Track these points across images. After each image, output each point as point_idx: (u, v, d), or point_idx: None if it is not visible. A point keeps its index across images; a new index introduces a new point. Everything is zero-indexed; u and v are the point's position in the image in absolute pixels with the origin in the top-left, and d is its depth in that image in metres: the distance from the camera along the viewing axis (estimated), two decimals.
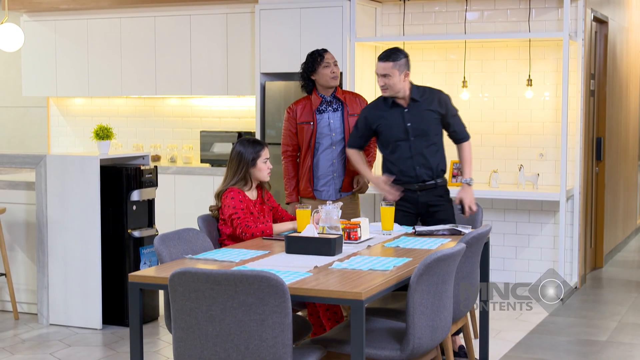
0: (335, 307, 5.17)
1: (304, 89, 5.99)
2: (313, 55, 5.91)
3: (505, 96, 7.84)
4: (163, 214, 8.14)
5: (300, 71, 5.97)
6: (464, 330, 4.95)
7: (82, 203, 6.30)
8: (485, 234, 4.71)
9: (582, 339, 6.11)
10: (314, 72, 5.88)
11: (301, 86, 6.00)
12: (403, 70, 5.44)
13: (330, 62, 5.88)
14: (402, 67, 5.43)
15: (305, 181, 5.94)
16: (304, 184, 5.95)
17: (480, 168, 7.89)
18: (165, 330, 6.18)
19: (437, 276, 3.97)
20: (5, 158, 6.70)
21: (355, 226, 4.81)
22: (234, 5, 8.50)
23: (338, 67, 5.94)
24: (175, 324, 3.67)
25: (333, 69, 5.88)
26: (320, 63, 5.86)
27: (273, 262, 4.25)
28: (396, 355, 3.93)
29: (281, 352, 3.52)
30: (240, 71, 8.51)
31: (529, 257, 7.79)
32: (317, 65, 5.86)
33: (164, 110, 9.40)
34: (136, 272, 4.12)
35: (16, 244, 6.78)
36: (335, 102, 5.93)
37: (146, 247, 6.46)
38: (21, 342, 6.04)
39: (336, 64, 5.92)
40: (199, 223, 5.06)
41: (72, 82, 9.33)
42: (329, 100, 5.92)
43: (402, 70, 5.43)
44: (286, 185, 6.03)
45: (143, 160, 6.71)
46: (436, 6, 8.00)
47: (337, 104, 5.94)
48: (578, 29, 7.52)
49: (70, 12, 9.24)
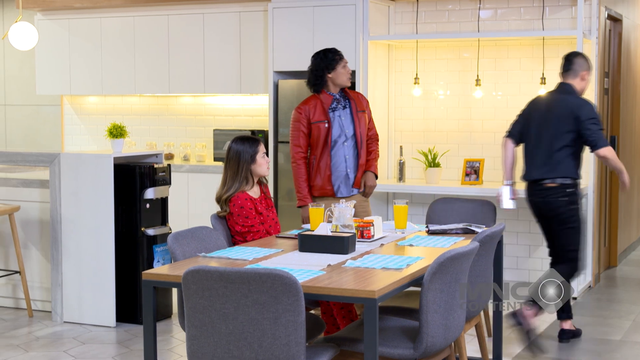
0: (349, 306, 5.17)
1: (314, 87, 5.94)
2: (330, 53, 5.88)
3: (518, 94, 7.82)
4: (176, 212, 8.16)
5: (311, 69, 5.94)
6: (478, 329, 4.94)
7: (96, 201, 6.32)
8: (499, 233, 4.70)
9: (596, 338, 6.09)
10: (332, 70, 5.86)
11: (311, 84, 5.94)
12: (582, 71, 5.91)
13: (346, 63, 5.94)
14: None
15: (325, 180, 5.88)
16: (323, 183, 5.89)
17: (493, 166, 7.87)
18: (179, 328, 6.20)
19: (450, 275, 3.96)
20: (19, 156, 6.72)
21: (368, 224, 4.81)
22: (247, 3, 8.51)
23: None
24: (188, 321, 3.67)
25: (348, 69, 5.95)
26: (339, 62, 5.87)
27: (286, 260, 4.25)
28: (409, 354, 3.93)
29: (294, 350, 3.52)
30: (253, 69, 8.51)
31: (543, 256, 7.76)
32: (337, 64, 5.86)
33: (177, 108, 9.42)
34: (150, 270, 4.14)
35: (30, 242, 6.80)
36: (343, 99, 5.94)
37: (159, 245, 6.48)
38: (35, 339, 6.06)
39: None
40: (212, 221, 5.07)
41: (85, 81, 9.35)
42: (338, 98, 5.93)
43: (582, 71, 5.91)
44: (299, 187, 5.90)
45: (156, 158, 6.73)
46: (449, 4, 7.98)
47: (345, 102, 5.94)
48: (592, 27, 7.50)
49: (84, 10, 9.26)
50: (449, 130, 8.07)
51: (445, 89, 8.07)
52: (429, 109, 8.14)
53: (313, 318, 4.43)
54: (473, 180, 7.70)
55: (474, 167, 7.72)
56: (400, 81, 8.18)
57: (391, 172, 8.25)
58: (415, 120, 8.19)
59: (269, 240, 4.90)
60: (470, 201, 5.87)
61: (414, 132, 8.19)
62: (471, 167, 7.71)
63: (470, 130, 8.00)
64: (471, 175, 7.71)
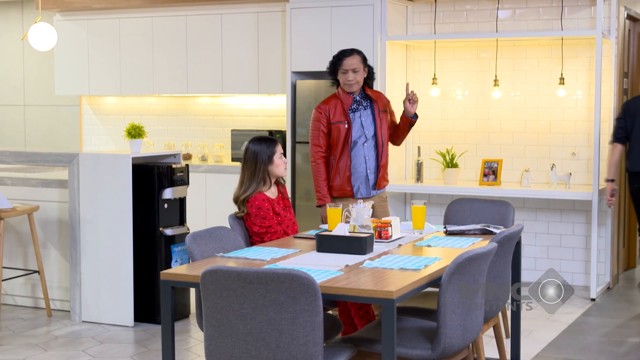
0: (367, 306, 5.16)
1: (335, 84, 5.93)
2: (337, 55, 5.82)
3: (537, 95, 7.80)
4: (194, 212, 8.18)
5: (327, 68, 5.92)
6: (496, 330, 4.93)
7: (114, 201, 6.34)
8: (517, 234, 4.68)
9: (615, 340, 6.06)
10: (336, 73, 5.85)
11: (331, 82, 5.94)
12: None
13: (348, 69, 5.73)
14: None
15: (345, 180, 5.85)
16: (342, 183, 5.85)
17: (512, 167, 7.85)
18: (197, 328, 6.21)
19: (468, 275, 3.95)
20: (38, 156, 6.76)
21: (386, 225, 4.80)
22: (265, 4, 8.52)
23: (359, 73, 5.76)
24: (206, 321, 3.68)
25: (349, 76, 5.73)
26: (338, 67, 5.77)
27: (304, 260, 4.25)
28: (427, 355, 3.92)
29: (312, 350, 3.52)
30: (271, 70, 8.52)
31: (561, 256, 7.74)
32: (337, 68, 5.80)
33: (196, 108, 9.44)
34: (168, 270, 4.15)
35: (49, 241, 6.83)
36: (364, 100, 5.89)
37: (177, 245, 6.49)
38: (54, 338, 6.09)
39: (356, 71, 5.73)
40: (230, 221, 5.08)
41: (104, 81, 9.39)
42: (359, 100, 5.88)
43: None
44: (318, 187, 5.85)
45: (174, 158, 6.74)
46: (467, 4, 7.96)
47: (367, 102, 5.90)
48: (611, 27, 7.46)
49: (102, 11, 9.30)
50: (467, 130, 8.06)
51: (463, 89, 8.06)
52: (447, 109, 8.13)
53: (331, 318, 4.43)
54: (491, 180, 7.68)
55: (492, 168, 7.70)
56: (418, 81, 8.17)
57: (409, 172, 8.24)
58: (433, 121, 8.17)
59: (287, 240, 4.90)
60: (488, 202, 5.86)
61: (432, 132, 8.18)
62: (489, 168, 7.70)
63: (488, 131, 7.98)
64: (489, 175, 7.70)
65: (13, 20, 10.80)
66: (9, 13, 10.82)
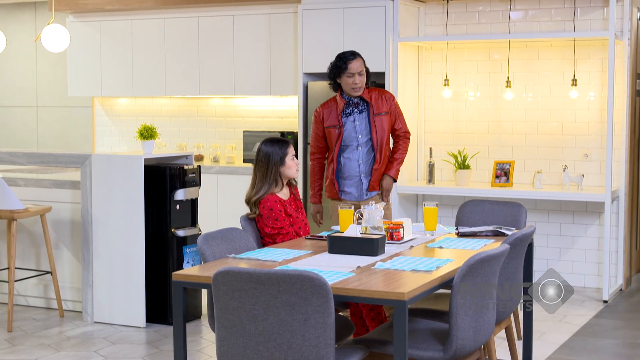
0: (379, 308, 5.16)
1: (332, 88, 5.95)
2: (339, 59, 5.81)
3: (549, 96, 7.78)
4: (206, 213, 8.19)
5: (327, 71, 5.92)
6: (508, 332, 4.92)
7: (127, 202, 6.35)
8: (529, 235, 4.67)
9: (628, 342, 6.04)
10: (339, 77, 5.84)
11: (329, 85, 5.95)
12: None
13: (354, 72, 5.75)
14: None
15: (330, 183, 5.97)
16: (329, 186, 5.99)
17: (524, 168, 7.83)
18: (208, 329, 6.22)
19: (480, 277, 3.94)
20: (51, 157, 6.78)
21: (398, 226, 4.80)
22: (277, 5, 8.52)
23: (364, 76, 5.80)
24: (218, 322, 3.68)
25: (356, 79, 5.75)
26: (344, 71, 5.77)
27: (316, 262, 4.25)
28: (439, 356, 3.91)
29: (324, 351, 3.52)
30: (283, 71, 8.53)
31: (574, 258, 7.72)
32: (342, 72, 5.81)
33: (207, 110, 9.45)
34: (180, 271, 4.15)
35: (61, 242, 6.85)
36: (361, 103, 5.89)
37: (189, 246, 6.50)
38: (66, 339, 6.11)
39: (362, 74, 5.77)
40: (241, 222, 5.08)
41: (116, 82, 9.41)
42: (356, 102, 5.88)
43: None
44: (311, 186, 6.14)
45: (186, 159, 6.75)
46: (480, 5, 7.95)
47: (363, 105, 5.89)
48: (624, 28, 7.44)
49: (115, 12, 9.33)
50: (479, 132, 8.04)
51: (476, 91, 8.04)
52: (459, 111, 8.12)
53: (342, 320, 4.43)
54: (503, 182, 7.66)
55: (504, 169, 7.69)
56: (430, 83, 8.16)
57: (421, 173, 8.24)
58: (445, 122, 8.17)
59: (299, 241, 4.90)
60: (500, 203, 5.85)
61: (444, 133, 8.17)
62: (501, 169, 7.68)
63: (500, 132, 7.96)
64: (501, 177, 7.68)
65: (26, 21, 10.84)
66: (22, 15, 10.86)
